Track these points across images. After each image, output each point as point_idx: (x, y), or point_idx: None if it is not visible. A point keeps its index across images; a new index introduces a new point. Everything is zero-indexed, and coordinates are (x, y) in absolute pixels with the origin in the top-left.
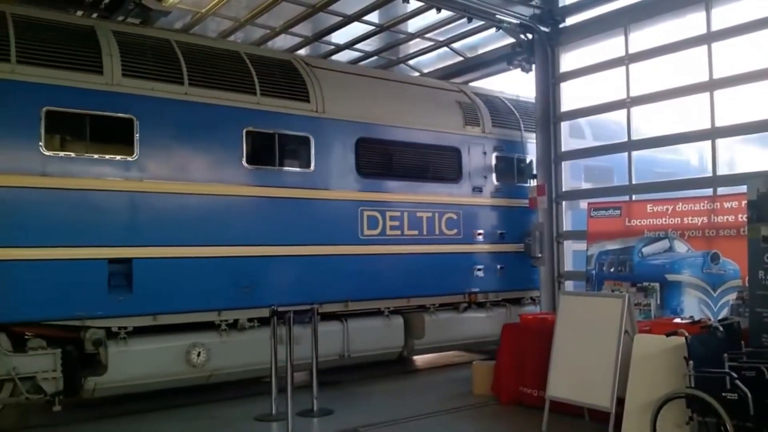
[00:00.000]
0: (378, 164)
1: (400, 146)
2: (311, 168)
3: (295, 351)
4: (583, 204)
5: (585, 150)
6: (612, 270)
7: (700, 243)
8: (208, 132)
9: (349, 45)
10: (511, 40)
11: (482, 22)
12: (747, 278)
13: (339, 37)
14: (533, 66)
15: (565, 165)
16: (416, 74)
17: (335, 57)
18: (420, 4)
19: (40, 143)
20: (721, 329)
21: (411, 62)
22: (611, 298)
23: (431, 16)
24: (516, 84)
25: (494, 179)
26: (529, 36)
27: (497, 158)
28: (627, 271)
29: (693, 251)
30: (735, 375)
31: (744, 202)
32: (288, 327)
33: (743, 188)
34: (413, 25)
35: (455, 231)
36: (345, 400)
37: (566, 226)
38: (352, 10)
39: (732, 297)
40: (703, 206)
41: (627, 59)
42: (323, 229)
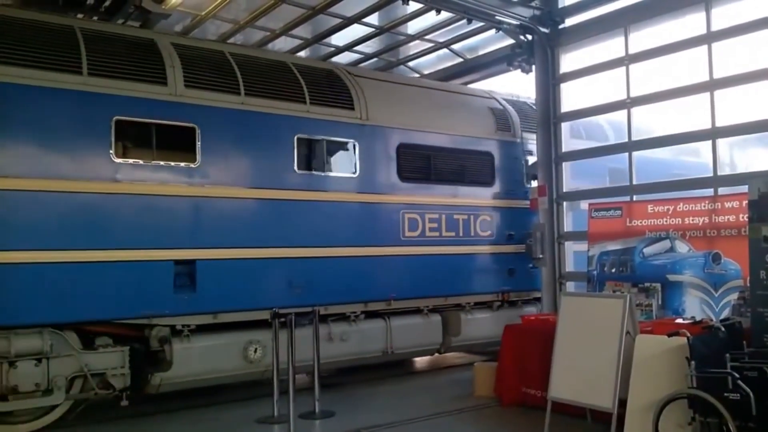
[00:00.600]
0: (417, 169)
1: (438, 151)
2: (356, 173)
3: (339, 348)
4: (584, 205)
5: (586, 151)
6: (613, 270)
7: (702, 243)
8: (263, 139)
9: (349, 47)
10: (511, 41)
11: (482, 24)
12: (748, 278)
13: (339, 39)
14: (533, 67)
15: (587, 166)
16: (416, 75)
17: (335, 59)
18: (420, 6)
19: (111, 151)
20: (723, 329)
21: (411, 64)
22: (613, 299)
23: (431, 18)
24: (516, 85)
25: (525, 182)
26: (529, 37)
27: (527, 162)
28: (628, 272)
29: (694, 251)
30: (737, 375)
31: (745, 202)
32: (290, 329)
33: (744, 188)
34: (413, 27)
35: (489, 232)
36: (347, 402)
37: (567, 227)
38: (352, 12)
39: (733, 297)
40: (704, 206)
41: (627, 60)
42: (368, 232)
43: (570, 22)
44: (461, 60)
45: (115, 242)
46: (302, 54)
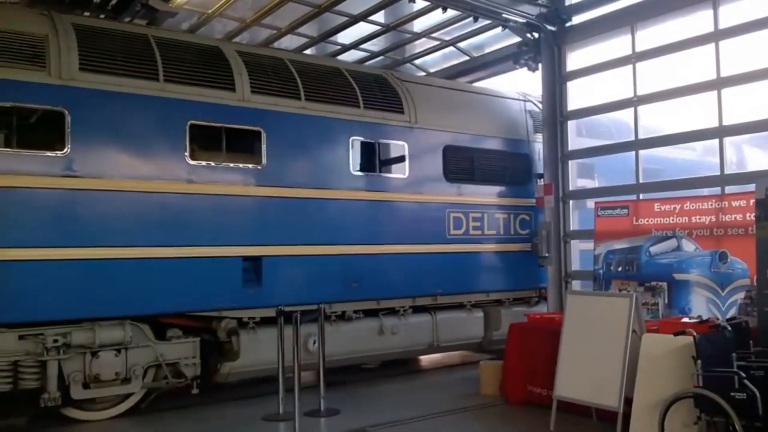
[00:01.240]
0: (461, 169)
1: (480, 153)
2: (406, 174)
3: (390, 341)
4: (590, 203)
5: (591, 149)
6: (619, 269)
7: (708, 242)
8: (322, 142)
9: (355, 45)
10: (518, 39)
11: (488, 22)
12: (755, 277)
13: (345, 38)
14: (539, 65)
15: (614, 164)
16: (422, 74)
17: (341, 57)
18: (426, 4)
19: (186, 153)
20: (730, 328)
21: (417, 62)
22: (619, 298)
23: (437, 16)
24: (522, 83)
25: None
26: (536, 35)
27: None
28: (634, 271)
29: (701, 250)
30: (743, 374)
31: (752, 201)
32: (295, 326)
33: (751, 187)
34: (419, 25)
35: (527, 231)
36: (352, 401)
37: (573, 226)
38: (358, 10)
39: (740, 296)
40: (711, 205)
41: (634, 58)
42: (417, 230)
43: (577, 20)
44: (467, 58)
45: (190, 239)
46: (308, 52)
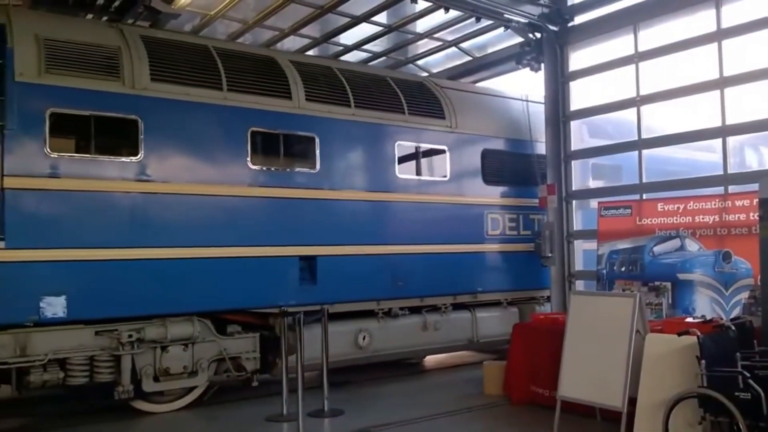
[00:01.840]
0: (498, 172)
1: (515, 156)
2: (447, 176)
3: (433, 336)
4: (594, 203)
5: (594, 149)
6: (623, 269)
7: (712, 242)
8: (371, 147)
9: (358, 46)
10: (520, 40)
11: (491, 22)
12: (759, 277)
13: (347, 38)
14: (542, 65)
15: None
16: (425, 74)
17: (344, 57)
18: (428, 4)
19: (247, 159)
20: (734, 328)
21: (420, 62)
22: (622, 298)
23: (439, 16)
24: (525, 83)
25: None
26: (538, 35)
27: (592, 165)
28: (638, 271)
29: (704, 250)
30: (748, 374)
31: (756, 201)
32: (298, 327)
33: (755, 186)
34: (421, 26)
35: None
36: (355, 401)
37: (576, 226)
38: (360, 11)
39: (744, 296)
40: (715, 205)
41: (636, 57)
42: (458, 230)
43: (579, 20)
44: (470, 58)
45: (252, 240)
46: (311, 53)
